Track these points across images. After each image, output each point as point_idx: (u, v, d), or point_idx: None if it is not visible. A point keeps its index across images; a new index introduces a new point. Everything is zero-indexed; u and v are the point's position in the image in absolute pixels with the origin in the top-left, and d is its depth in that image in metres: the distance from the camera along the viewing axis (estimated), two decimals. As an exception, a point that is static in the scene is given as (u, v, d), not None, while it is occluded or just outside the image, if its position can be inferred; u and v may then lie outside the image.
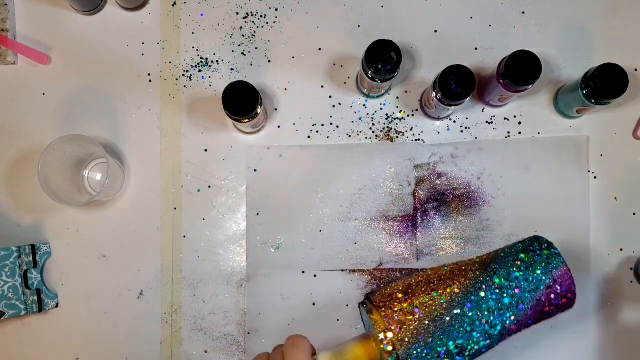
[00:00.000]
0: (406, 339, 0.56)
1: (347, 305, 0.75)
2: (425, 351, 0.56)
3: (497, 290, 0.59)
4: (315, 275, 0.75)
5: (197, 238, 0.76)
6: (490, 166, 0.76)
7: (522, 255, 0.62)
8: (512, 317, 0.59)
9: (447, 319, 0.57)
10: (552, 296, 0.60)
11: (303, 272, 0.75)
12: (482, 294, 0.59)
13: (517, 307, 0.59)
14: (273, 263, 0.75)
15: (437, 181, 0.76)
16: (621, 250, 0.75)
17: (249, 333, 0.75)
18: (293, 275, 0.75)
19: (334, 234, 0.75)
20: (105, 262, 0.76)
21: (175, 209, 0.76)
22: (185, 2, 0.78)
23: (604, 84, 0.67)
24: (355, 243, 0.75)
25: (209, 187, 0.77)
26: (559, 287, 0.60)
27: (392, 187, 0.76)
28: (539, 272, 0.60)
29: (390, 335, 0.56)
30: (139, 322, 0.75)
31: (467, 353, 0.58)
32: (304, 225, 0.76)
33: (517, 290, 0.59)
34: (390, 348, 0.56)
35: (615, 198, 0.76)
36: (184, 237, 0.76)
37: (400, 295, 0.59)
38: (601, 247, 0.75)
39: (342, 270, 0.75)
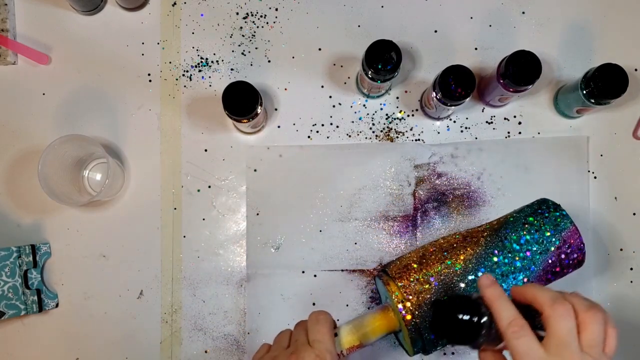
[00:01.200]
0: (424, 307, 0.58)
1: (347, 305, 0.75)
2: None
3: (509, 254, 0.61)
4: (315, 275, 0.75)
5: (197, 238, 0.76)
6: (490, 166, 0.76)
7: (531, 219, 0.63)
8: (525, 280, 0.61)
9: (462, 285, 0.59)
10: (562, 256, 0.62)
11: (303, 272, 0.75)
12: (495, 258, 0.61)
13: (529, 270, 0.61)
14: (273, 263, 0.75)
15: (437, 181, 0.76)
16: (621, 250, 0.75)
17: (249, 333, 0.75)
18: (293, 275, 0.75)
19: (334, 234, 0.75)
20: (105, 262, 0.76)
21: (175, 209, 0.76)
22: (185, 2, 0.78)
23: (604, 84, 0.67)
24: (355, 243, 0.75)
25: (209, 187, 0.77)
26: (568, 247, 0.62)
27: (392, 187, 0.76)
28: (548, 234, 0.62)
29: (408, 304, 0.59)
30: (138, 322, 0.75)
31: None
32: (304, 225, 0.76)
33: (528, 253, 0.61)
34: (409, 317, 0.58)
35: (615, 198, 0.76)
36: (184, 237, 0.76)
37: (415, 265, 0.62)
38: (601, 247, 0.75)
39: (342, 270, 0.75)
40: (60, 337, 0.75)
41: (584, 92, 0.69)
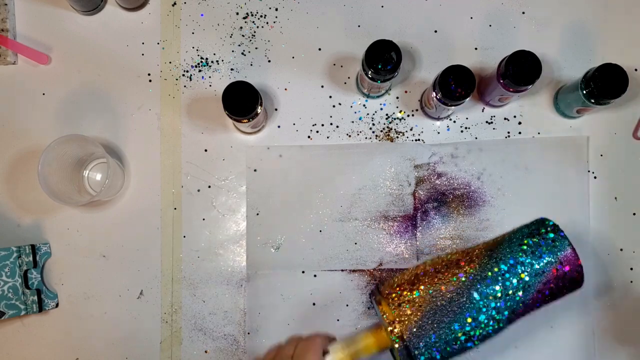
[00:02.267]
0: (414, 329, 0.57)
1: (347, 305, 0.75)
2: (433, 339, 0.57)
3: (504, 276, 0.59)
4: (315, 275, 0.75)
5: (197, 238, 0.76)
6: (490, 166, 0.76)
7: (528, 240, 0.62)
8: (520, 303, 0.59)
9: (455, 307, 0.58)
10: (559, 278, 0.60)
11: (303, 272, 0.75)
12: (489, 280, 0.59)
13: (524, 291, 0.59)
14: (273, 263, 0.75)
15: (437, 181, 0.76)
16: (621, 250, 0.75)
17: (249, 333, 0.75)
18: (293, 275, 0.75)
19: (334, 234, 0.75)
20: (105, 262, 0.76)
21: (175, 209, 0.76)
22: (185, 2, 0.78)
23: (604, 84, 0.67)
24: (355, 243, 0.75)
25: (209, 187, 0.77)
26: (565, 269, 0.60)
27: (392, 187, 0.76)
28: (545, 256, 0.60)
29: (398, 326, 0.58)
30: (138, 322, 0.75)
31: (475, 339, 0.58)
32: (304, 225, 0.76)
33: (523, 275, 0.60)
34: (398, 338, 0.57)
35: (615, 198, 0.76)
36: (184, 237, 0.76)
37: (407, 285, 0.60)
38: (601, 247, 0.75)
39: (342, 270, 0.75)
40: (60, 337, 0.75)
41: (584, 92, 0.69)
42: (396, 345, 0.57)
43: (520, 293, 0.59)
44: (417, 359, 0.57)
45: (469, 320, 0.57)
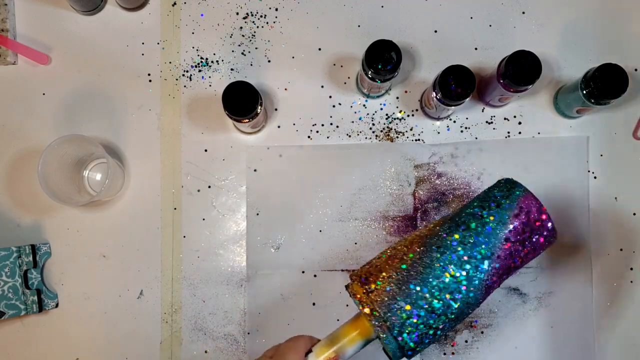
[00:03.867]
0: (388, 304, 0.55)
1: (347, 305, 0.75)
2: (409, 312, 0.55)
3: (467, 233, 0.57)
4: (315, 275, 0.75)
5: (197, 238, 0.76)
6: (490, 166, 0.76)
7: (483, 196, 0.60)
8: (488, 253, 0.57)
9: (419, 272, 0.56)
10: (524, 224, 0.58)
11: (303, 272, 0.75)
12: (454, 242, 0.57)
13: (491, 244, 0.57)
14: (273, 263, 0.75)
15: (437, 181, 0.76)
16: (621, 250, 0.75)
17: (249, 333, 0.75)
18: (293, 275, 0.75)
19: (334, 234, 0.75)
20: (105, 262, 0.76)
21: (175, 209, 0.76)
22: (185, 2, 0.78)
23: (604, 84, 0.67)
24: (355, 243, 0.75)
25: (209, 187, 0.77)
26: (527, 214, 0.58)
27: (392, 187, 0.76)
28: (503, 203, 0.58)
29: (372, 305, 0.55)
30: (138, 322, 0.75)
31: (451, 310, 0.56)
32: (304, 225, 0.76)
33: (487, 228, 0.57)
34: (376, 321, 0.55)
35: (616, 198, 0.76)
36: (184, 237, 0.76)
37: (377, 267, 0.58)
38: (601, 247, 0.75)
39: (342, 270, 0.75)
40: (60, 337, 0.75)
41: (584, 92, 0.69)
42: (377, 329, 0.55)
43: (488, 245, 0.57)
44: (401, 337, 0.55)
45: (441, 290, 0.55)
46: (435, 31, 0.78)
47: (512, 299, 0.75)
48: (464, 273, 0.56)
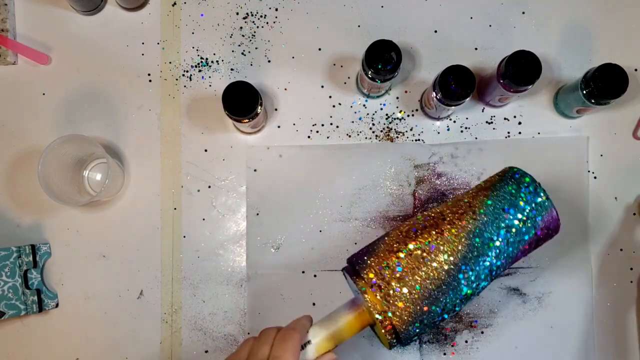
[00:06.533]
0: (396, 299, 0.55)
1: (347, 305, 0.75)
2: (410, 305, 0.55)
3: (491, 247, 0.58)
4: (315, 275, 0.75)
5: (197, 238, 0.76)
6: (490, 166, 0.76)
7: (506, 202, 0.60)
8: (498, 264, 0.59)
9: (435, 272, 0.56)
10: (541, 239, 0.61)
11: (303, 272, 0.75)
12: (479, 260, 0.58)
13: (505, 253, 0.59)
14: (273, 263, 0.75)
15: (437, 181, 0.76)
16: (621, 250, 0.75)
17: (249, 333, 0.75)
18: (293, 275, 0.75)
19: (334, 234, 0.75)
20: (105, 262, 0.76)
21: (175, 209, 0.76)
22: (185, 2, 0.78)
23: (604, 84, 0.67)
24: (355, 243, 0.75)
25: (209, 187, 0.77)
26: (547, 230, 0.61)
27: (392, 187, 0.76)
28: (527, 210, 0.60)
29: (378, 297, 0.55)
30: (139, 322, 0.75)
31: (447, 310, 0.57)
32: (304, 225, 0.76)
33: (508, 237, 0.59)
34: (380, 311, 0.55)
35: (616, 198, 0.76)
36: (184, 237, 0.76)
37: (382, 255, 0.58)
38: (601, 247, 0.75)
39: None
40: (60, 337, 0.75)
41: (584, 92, 0.69)
42: (379, 317, 0.55)
43: (502, 254, 0.59)
44: (405, 327, 0.55)
45: (447, 284, 0.56)
46: (435, 31, 0.78)
47: (512, 299, 0.75)
48: (475, 285, 0.58)
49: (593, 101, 0.69)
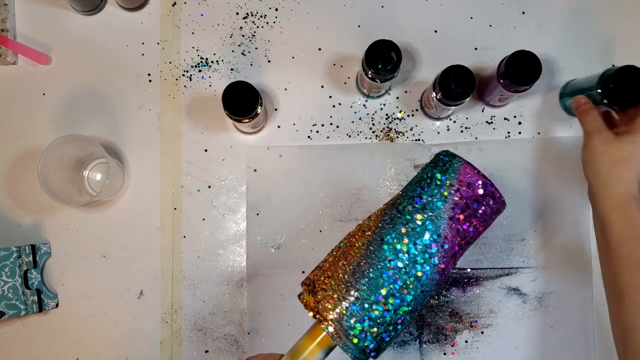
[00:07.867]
0: (343, 314, 0.53)
1: (347, 305, 0.75)
2: (363, 316, 0.53)
3: (410, 217, 0.55)
4: (315, 275, 0.75)
5: (197, 238, 0.76)
6: (490, 166, 0.76)
7: (420, 174, 0.58)
8: (435, 236, 0.55)
9: (375, 275, 0.54)
10: (465, 196, 0.55)
11: (303, 272, 0.75)
12: (398, 238, 0.55)
13: (436, 225, 0.55)
14: (273, 263, 0.75)
15: (437, 181, 0.76)
16: (621, 250, 0.75)
17: (249, 333, 0.75)
18: (293, 275, 0.75)
19: (334, 234, 0.75)
20: (105, 262, 0.76)
21: (175, 209, 0.76)
22: (185, 2, 0.78)
23: (624, 87, 0.63)
24: (355, 243, 0.75)
25: (209, 187, 0.77)
26: (467, 185, 0.55)
27: (392, 187, 0.76)
28: (438, 177, 0.56)
29: (325, 315, 0.54)
30: (138, 322, 0.75)
31: (406, 302, 0.54)
32: (304, 225, 0.76)
33: (427, 211, 0.55)
34: (332, 328, 0.53)
35: (615, 198, 0.76)
36: (184, 237, 0.76)
37: (325, 271, 0.56)
38: (601, 247, 0.75)
39: (342, 270, 0.75)
40: (60, 337, 0.75)
41: (599, 92, 0.65)
42: (331, 333, 0.53)
43: (433, 226, 0.55)
44: (359, 340, 0.53)
45: (390, 286, 0.53)
46: (435, 31, 0.78)
47: (512, 299, 0.75)
48: (412, 262, 0.54)
49: (606, 102, 0.65)
